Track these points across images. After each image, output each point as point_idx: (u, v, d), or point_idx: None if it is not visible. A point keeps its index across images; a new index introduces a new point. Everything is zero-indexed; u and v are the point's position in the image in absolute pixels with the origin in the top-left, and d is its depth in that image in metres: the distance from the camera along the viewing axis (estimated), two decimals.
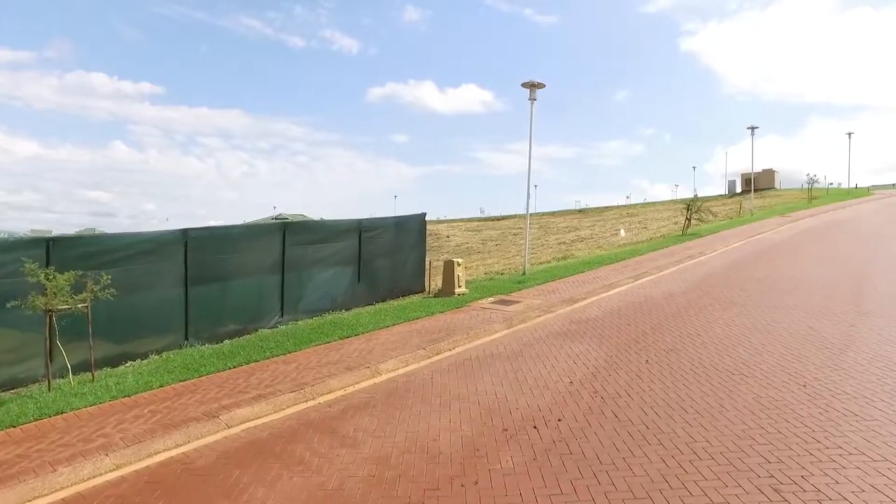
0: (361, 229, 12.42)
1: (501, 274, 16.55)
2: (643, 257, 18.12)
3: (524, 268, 15.58)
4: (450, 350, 8.64)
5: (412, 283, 13.84)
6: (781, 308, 10.48)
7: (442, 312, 11.04)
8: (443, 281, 13.07)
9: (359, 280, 12.37)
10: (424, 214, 14.25)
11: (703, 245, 20.59)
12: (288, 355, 8.38)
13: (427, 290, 13.82)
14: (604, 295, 12.61)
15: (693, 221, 25.22)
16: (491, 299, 12.21)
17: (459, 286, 12.87)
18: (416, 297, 13.14)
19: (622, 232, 25.32)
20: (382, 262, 13.02)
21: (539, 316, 10.72)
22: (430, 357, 8.31)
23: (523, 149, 14.93)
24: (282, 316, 10.80)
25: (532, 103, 15.68)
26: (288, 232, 10.93)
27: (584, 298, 12.17)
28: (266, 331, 10.18)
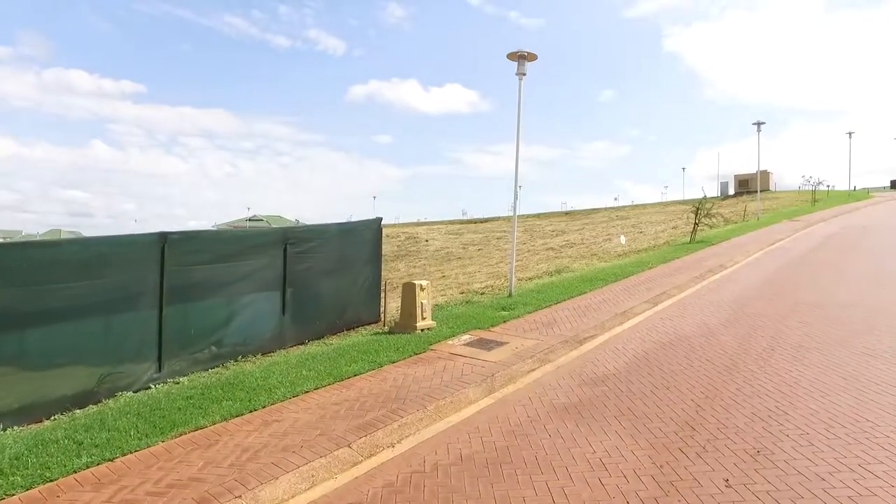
0: (287, 241, 9.02)
1: (482, 294, 13.26)
2: (654, 271, 14.94)
3: (510, 287, 12.31)
4: (391, 447, 5.30)
5: (363, 310, 10.48)
6: (880, 356, 7.32)
7: (393, 363, 7.70)
8: (401, 312, 9.73)
9: (284, 311, 8.98)
10: (380, 220, 10.90)
11: (719, 255, 17.51)
12: (114, 463, 4.96)
13: (383, 320, 10.47)
14: (618, 330, 9.37)
15: (700, 226, 22.17)
16: (465, 338, 8.89)
17: (423, 317, 9.53)
18: (365, 332, 9.79)
19: (622, 239, 22.22)
20: (320, 286, 9.65)
21: (533, 370, 7.43)
22: (355, 464, 4.97)
23: (507, 150, 11.70)
24: (160, 370, 7.38)
25: (520, 79, 12.46)
26: (170, 247, 7.50)
27: (593, 336, 8.91)
28: (127, 396, 6.78)
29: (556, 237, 39.46)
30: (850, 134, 55.82)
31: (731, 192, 58.62)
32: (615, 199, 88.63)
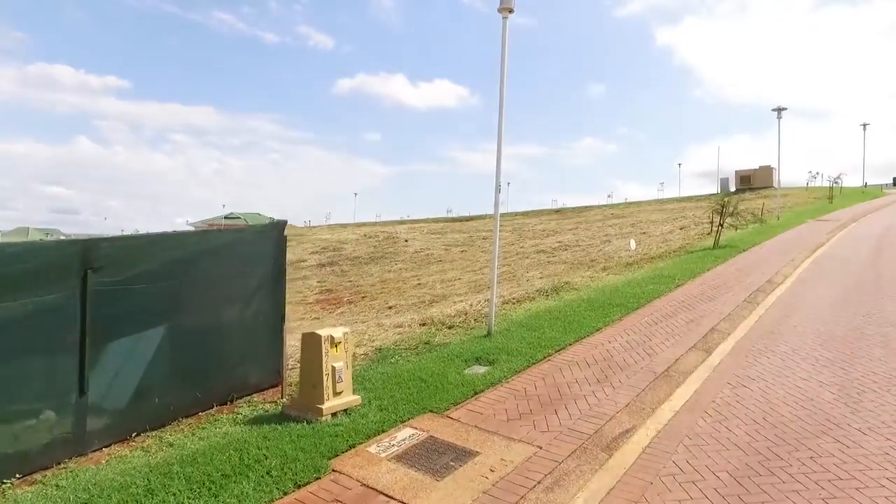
0: (90, 265, 5.06)
1: (451, 327, 9.36)
2: (684, 291, 11.15)
3: (490, 322, 8.39)
4: None
5: (251, 370, 6.56)
6: None
7: None
8: (300, 381, 5.81)
9: (83, 389, 5.04)
10: (283, 225, 6.91)
11: (758, 265, 13.77)
12: None
13: (283, 384, 6.55)
14: (668, 412, 5.51)
15: (722, 227, 18.40)
16: (404, 435, 5.01)
17: (336, 392, 5.60)
18: (243, 415, 5.86)
19: (632, 244, 18.47)
20: (163, 338, 5.71)
21: None
22: None
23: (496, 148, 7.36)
24: None
25: (505, 19, 8.61)
26: None
27: (629, 430, 5.06)
28: None
29: (548, 237, 35.78)
30: (864, 126, 52.25)
31: (732, 188, 55.21)
32: (608, 196, 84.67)
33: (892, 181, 73.66)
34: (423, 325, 9.87)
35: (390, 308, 17.90)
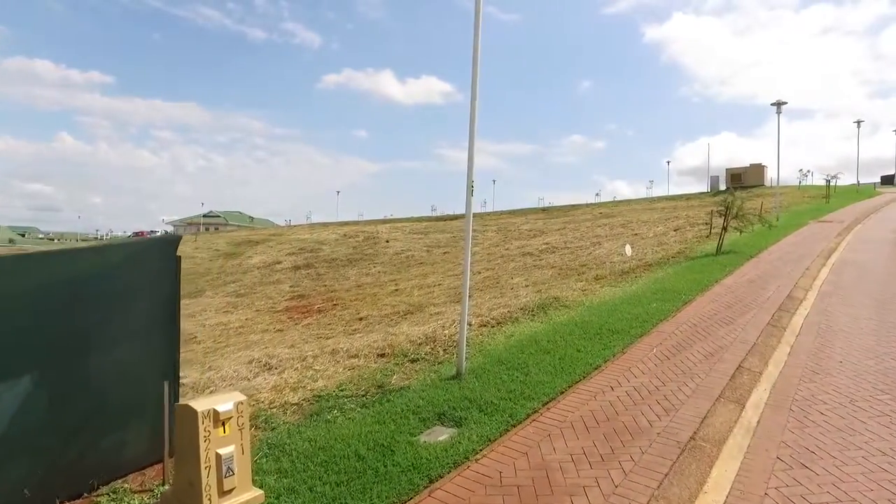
0: None
1: (414, 360, 7.60)
2: (693, 310, 9.49)
3: (460, 360, 6.63)
4: None
5: (129, 442, 4.76)
6: None
7: None
8: (175, 474, 4.07)
9: None
10: (176, 241, 5.09)
11: (772, 276, 12.17)
12: None
13: (165, 464, 4.74)
14: None
15: (726, 230, 16.79)
16: None
17: (224, 490, 3.81)
18: None
19: (628, 250, 16.86)
20: None
21: None
22: None
23: (484, 146, 5.63)
24: None
25: None
26: None
27: None
28: None
29: (535, 238, 34.17)
30: (858, 123, 50.94)
31: (722, 187, 54.06)
32: (596, 194, 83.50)
33: (880, 179, 73.19)
34: (382, 355, 8.09)
35: (360, 320, 16.15)
